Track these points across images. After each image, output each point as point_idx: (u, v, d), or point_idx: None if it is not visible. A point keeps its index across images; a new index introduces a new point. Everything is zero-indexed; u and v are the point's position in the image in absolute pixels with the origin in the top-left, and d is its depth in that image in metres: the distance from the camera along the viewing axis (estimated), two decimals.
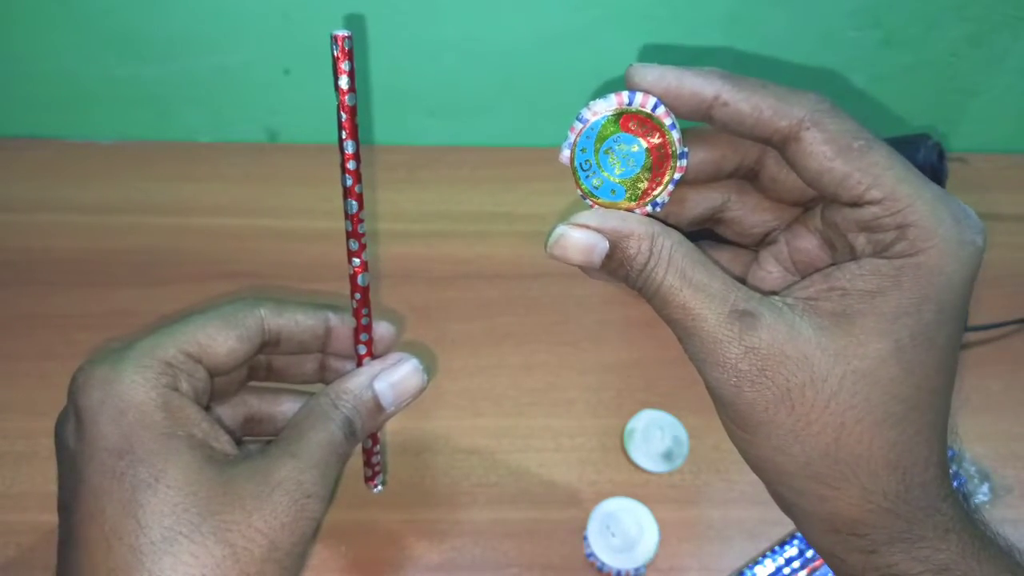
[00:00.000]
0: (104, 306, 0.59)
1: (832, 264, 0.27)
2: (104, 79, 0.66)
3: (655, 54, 0.64)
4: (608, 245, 0.26)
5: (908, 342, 0.24)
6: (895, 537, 0.26)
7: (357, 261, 0.31)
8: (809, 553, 0.47)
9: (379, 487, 0.39)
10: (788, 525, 0.42)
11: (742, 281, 0.29)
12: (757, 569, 0.48)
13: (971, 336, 0.56)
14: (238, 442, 0.30)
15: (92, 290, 0.60)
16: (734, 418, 0.26)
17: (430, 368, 0.33)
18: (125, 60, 0.64)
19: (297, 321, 0.32)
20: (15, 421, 0.53)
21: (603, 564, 0.47)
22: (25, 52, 0.64)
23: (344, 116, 0.28)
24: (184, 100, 0.68)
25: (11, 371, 0.55)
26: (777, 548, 0.48)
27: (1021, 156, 0.71)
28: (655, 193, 0.27)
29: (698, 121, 0.27)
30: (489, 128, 0.71)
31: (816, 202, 0.29)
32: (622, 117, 0.26)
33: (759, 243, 0.31)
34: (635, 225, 0.26)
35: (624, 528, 0.48)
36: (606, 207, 0.27)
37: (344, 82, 0.27)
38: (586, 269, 0.28)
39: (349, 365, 0.34)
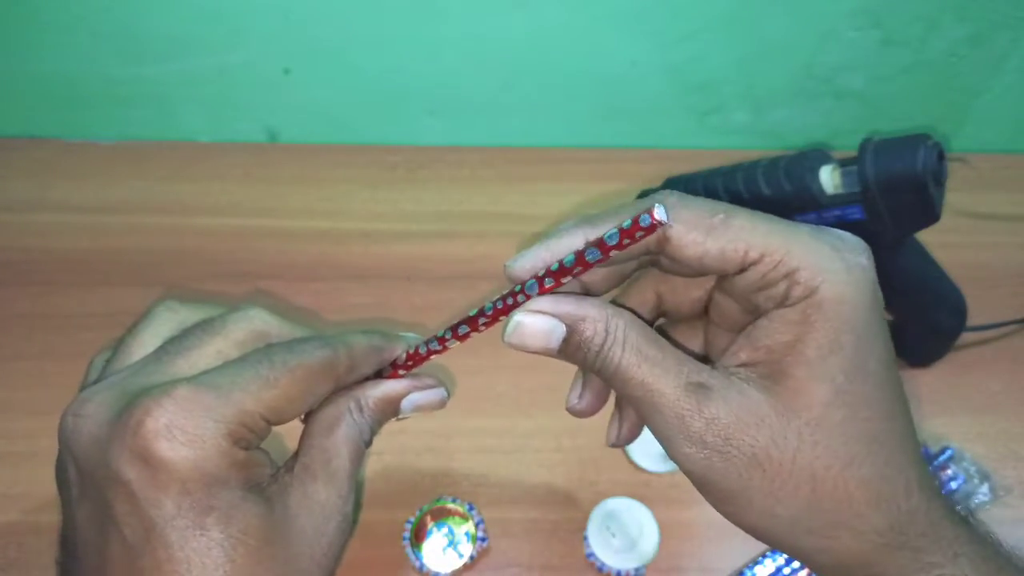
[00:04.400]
0: (104, 306, 0.59)
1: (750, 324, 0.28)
2: (104, 79, 0.66)
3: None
4: (564, 330, 0.27)
5: (843, 380, 0.25)
6: (905, 569, 0.26)
7: (454, 343, 0.31)
8: None
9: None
10: None
11: (701, 358, 0.29)
12: (757, 569, 0.48)
13: (971, 336, 0.56)
14: None
15: (92, 290, 0.60)
16: (713, 492, 0.27)
17: (448, 386, 0.33)
18: (125, 60, 0.64)
19: (367, 363, 0.31)
20: (16, 421, 0.53)
21: (603, 564, 0.47)
22: (25, 52, 0.64)
23: (577, 268, 0.26)
24: (184, 100, 0.68)
25: (11, 371, 0.55)
26: None
27: (1021, 156, 0.71)
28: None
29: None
30: (489, 128, 0.71)
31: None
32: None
33: (700, 315, 0.31)
34: (589, 308, 0.27)
35: (624, 528, 0.48)
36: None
37: (614, 240, 0.25)
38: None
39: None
